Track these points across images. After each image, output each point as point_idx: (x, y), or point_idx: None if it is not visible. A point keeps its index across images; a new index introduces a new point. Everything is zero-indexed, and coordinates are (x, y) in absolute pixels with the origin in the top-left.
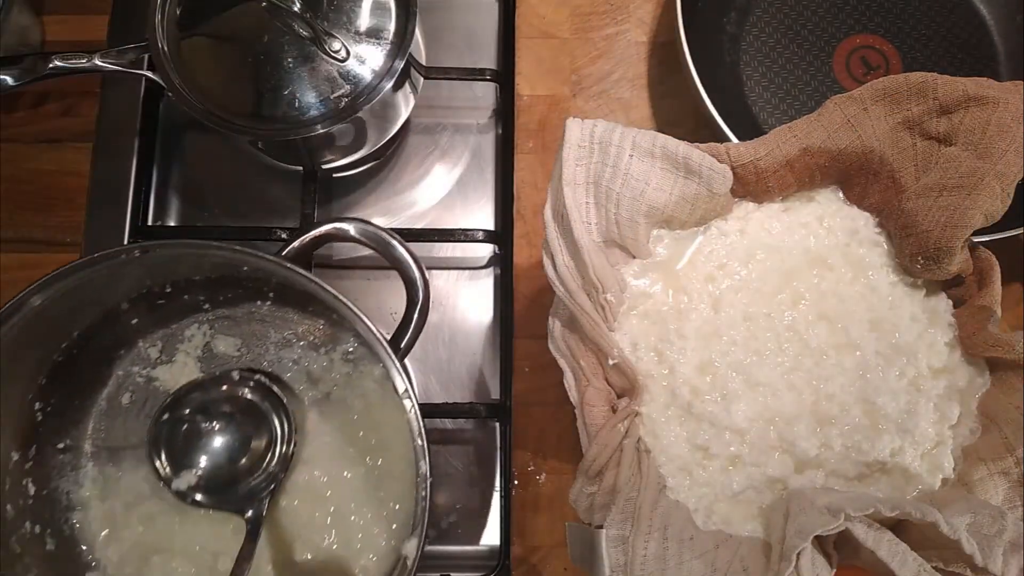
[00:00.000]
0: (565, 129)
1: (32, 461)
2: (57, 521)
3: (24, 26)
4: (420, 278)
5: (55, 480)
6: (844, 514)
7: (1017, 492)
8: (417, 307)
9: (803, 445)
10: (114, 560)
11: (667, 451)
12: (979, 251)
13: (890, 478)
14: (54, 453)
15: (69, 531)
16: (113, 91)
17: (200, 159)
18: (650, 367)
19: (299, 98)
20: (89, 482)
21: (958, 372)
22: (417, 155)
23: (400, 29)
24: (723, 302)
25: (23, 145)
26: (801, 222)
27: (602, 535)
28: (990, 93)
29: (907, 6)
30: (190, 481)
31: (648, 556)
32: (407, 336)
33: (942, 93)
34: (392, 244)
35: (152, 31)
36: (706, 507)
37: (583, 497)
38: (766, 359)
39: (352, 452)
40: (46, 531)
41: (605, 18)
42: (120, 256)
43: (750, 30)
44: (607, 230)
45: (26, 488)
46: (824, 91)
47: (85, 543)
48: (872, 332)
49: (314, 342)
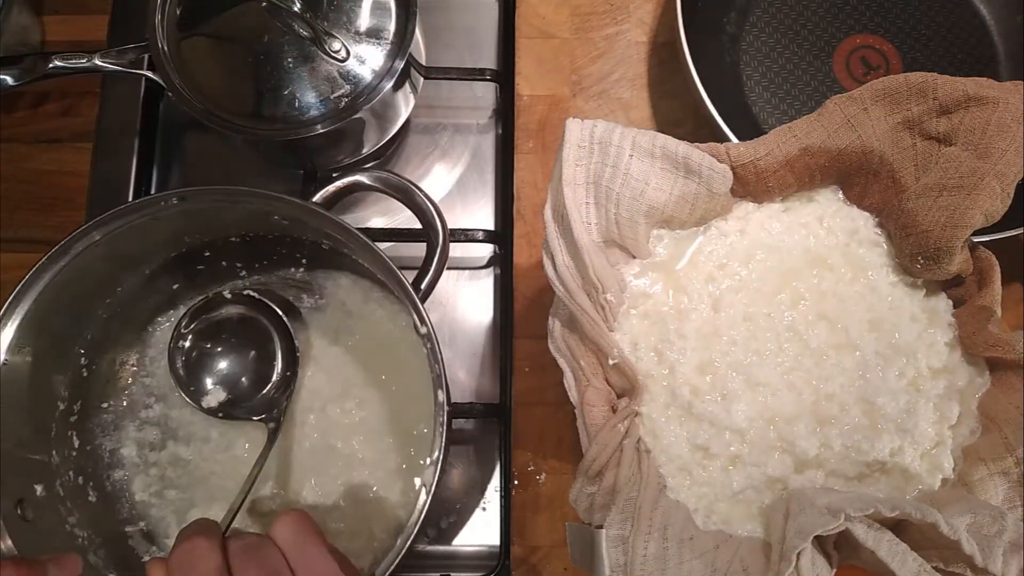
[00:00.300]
0: (565, 129)
1: (77, 415)
2: (100, 476)
3: (24, 26)
4: (439, 223)
5: (99, 437)
6: (844, 514)
7: (1017, 492)
8: (436, 251)
9: (803, 445)
10: (154, 517)
11: (667, 451)
12: (979, 251)
13: (890, 478)
14: (97, 411)
15: (110, 487)
16: (113, 91)
17: (200, 159)
18: (650, 367)
19: (299, 98)
20: (130, 442)
21: (958, 372)
22: (417, 155)
23: (400, 29)
24: (723, 302)
25: (23, 145)
26: (801, 222)
27: (602, 535)
28: (990, 93)
29: (907, 6)
30: (218, 397)
31: (648, 556)
32: (427, 278)
33: (942, 93)
34: (413, 191)
35: (152, 31)
36: (706, 507)
37: (583, 497)
38: (766, 359)
39: (371, 379)
40: (88, 483)
41: (605, 18)
42: (159, 203)
43: (750, 30)
44: (607, 230)
45: (71, 440)
46: (824, 91)
47: (125, 500)
48: (872, 332)
49: (342, 300)
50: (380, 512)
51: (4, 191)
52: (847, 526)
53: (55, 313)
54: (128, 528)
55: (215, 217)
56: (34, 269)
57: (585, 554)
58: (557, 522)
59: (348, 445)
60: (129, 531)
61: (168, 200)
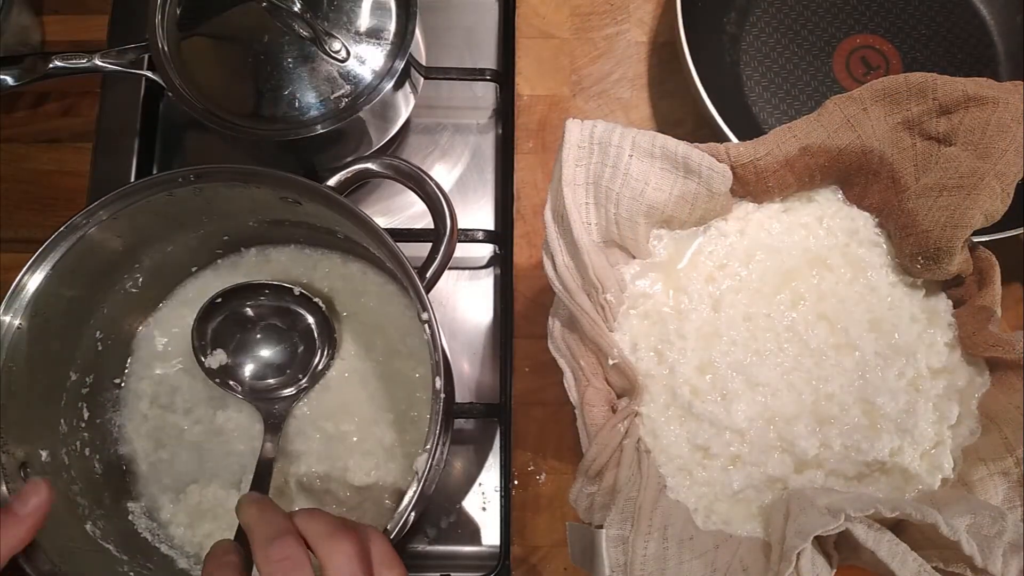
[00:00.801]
0: (565, 130)
1: (89, 388)
2: (107, 450)
3: (24, 26)
4: (448, 212)
5: (108, 412)
6: (844, 515)
7: (1017, 492)
8: (444, 239)
9: (803, 445)
10: (154, 493)
11: (667, 451)
12: (979, 251)
13: (890, 478)
14: (110, 386)
15: (116, 461)
16: (113, 91)
17: (200, 159)
18: (650, 367)
19: (299, 98)
20: (139, 419)
21: (957, 372)
22: (417, 155)
23: (400, 29)
24: (723, 302)
25: (23, 145)
26: (801, 222)
27: (602, 535)
28: (990, 93)
29: (907, 6)
30: (243, 371)
31: (648, 556)
32: (434, 266)
33: (942, 93)
34: (423, 178)
35: (152, 31)
36: (706, 507)
37: (583, 497)
38: (766, 359)
39: (374, 367)
40: (95, 456)
41: (605, 18)
42: (176, 179)
43: (750, 30)
44: (607, 230)
45: (81, 411)
46: (824, 91)
47: (129, 475)
48: (871, 332)
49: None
50: (376, 502)
51: (4, 191)
52: (847, 526)
53: (71, 284)
54: (130, 504)
55: (230, 199)
56: (53, 236)
57: (585, 554)
58: (557, 522)
59: (343, 430)
60: (131, 507)
61: (186, 177)
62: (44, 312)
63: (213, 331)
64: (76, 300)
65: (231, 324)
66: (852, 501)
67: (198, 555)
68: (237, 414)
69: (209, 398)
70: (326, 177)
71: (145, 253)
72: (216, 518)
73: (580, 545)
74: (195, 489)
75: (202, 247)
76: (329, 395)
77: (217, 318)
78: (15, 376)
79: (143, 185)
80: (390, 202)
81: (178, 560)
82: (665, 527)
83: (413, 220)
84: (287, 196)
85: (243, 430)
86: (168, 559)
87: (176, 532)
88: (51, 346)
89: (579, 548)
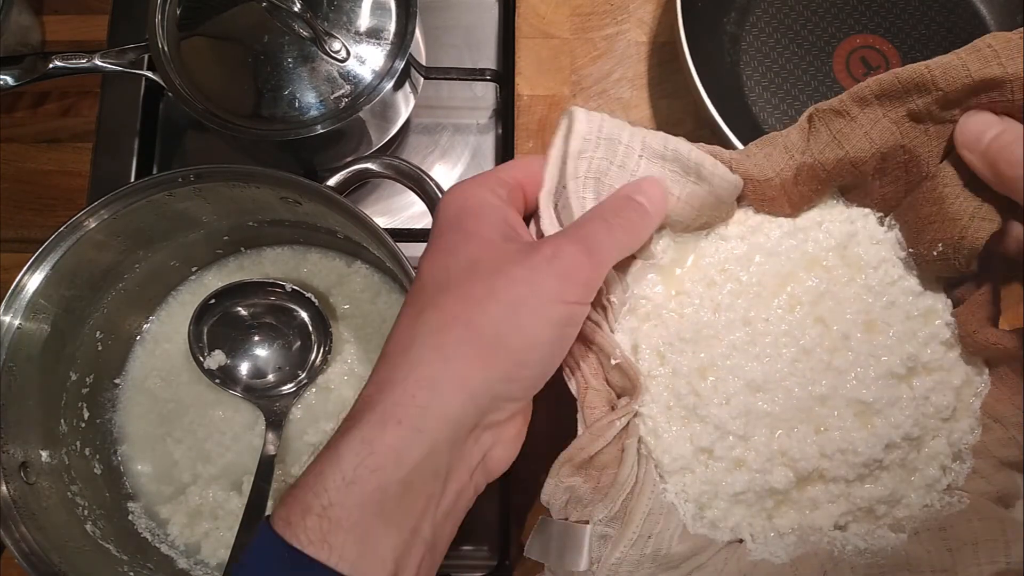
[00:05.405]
0: (572, 118)
1: (89, 388)
2: (106, 450)
3: (24, 26)
4: None
5: (108, 412)
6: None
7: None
8: None
9: (802, 446)
10: (153, 492)
11: (669, 451)
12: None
13: (890, 474)
14: (109, 386)
15: (116, 461)
16: (113, 91)
17: (200, 159)
18: (651, 368)
19: (299, 98)
20: (138, 419)
21: (955, 371)
22: (417, 155)
23: (400, 29)
24: (724, 306)
25: (23, 145)
26: (800, 226)
27: (587, 530)
28: (997, 72)
29: (907, 6)
30: (242, 371)
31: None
32: None
33: (944, 83)
34: (423, 178)
35: (152, 31)
36: (703, 504)
37: (560, 492)
38: (765, 363)
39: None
40: (95, 456)
41: (605, 18)
42: (176, 179)
43: (750, 30)
44: None
45: (81, 411)
46: (824, 91)
47: (129, 475)
48: (869, 333)
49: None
50: None
51: (4, 191)
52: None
53: (71, 284)
54: (130, 504)
55: (230, 199)
56: (53, 236)
57: (556, 548)
58: None
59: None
60: (130, 507)
61: (186, 177)
62: (44, 312)
63: (210, 332)
64: (76, 300)
65: (227, 324)
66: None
67: (198, 555)
68: (237, 414)
69: (209, 398)
70: (326, 177)
71: (145, 253)
72: (215, 518)
73: (556, 540)
74: (195, 489)
75: (202, 247)
76: (329, 395)
77: (213, 319)
78: (15, 376)
79: (143, 185)
80: (390, 202)
81: (178, 560)
82: (649, 536)
83: (413, 220)
84: (287, 196)
85: (243, 430)
86: (168, 559)
87: (176, 532)
88: (51, 346)
89: (549, 543)
